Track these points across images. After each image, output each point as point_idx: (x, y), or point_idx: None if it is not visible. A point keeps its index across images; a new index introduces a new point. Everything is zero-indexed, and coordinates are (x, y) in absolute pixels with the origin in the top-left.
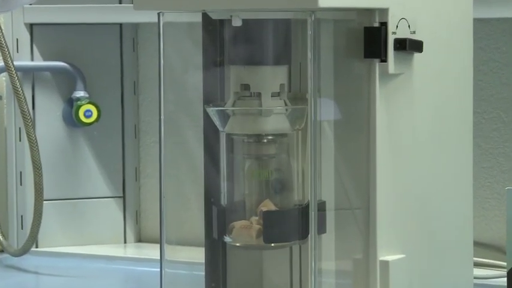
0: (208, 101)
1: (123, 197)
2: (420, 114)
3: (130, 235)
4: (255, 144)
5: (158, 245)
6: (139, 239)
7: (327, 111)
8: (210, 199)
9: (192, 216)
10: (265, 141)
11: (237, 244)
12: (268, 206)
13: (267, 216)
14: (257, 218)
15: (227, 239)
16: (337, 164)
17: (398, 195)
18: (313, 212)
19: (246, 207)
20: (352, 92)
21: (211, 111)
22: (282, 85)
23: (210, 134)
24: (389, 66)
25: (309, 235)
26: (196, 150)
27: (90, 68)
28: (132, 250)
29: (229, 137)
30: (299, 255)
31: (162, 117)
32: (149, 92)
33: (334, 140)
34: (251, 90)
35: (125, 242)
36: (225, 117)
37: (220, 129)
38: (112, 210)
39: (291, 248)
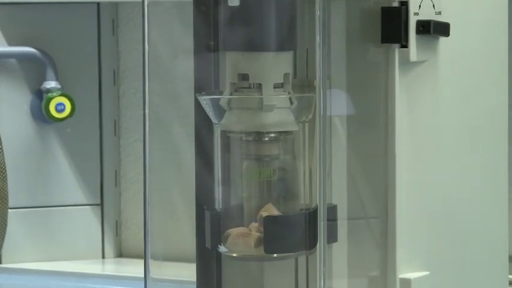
0: (200, 89)
1: (101, 205)
2: (447, 109)
3: (109, 249)
4: (255, 142)
5: (142, 261)
6: (120, 254)
7: (338, 105)
8: (202, 203)
9: (182, 228)
10: (266, 139)
11: (234, 255)
12: (270, 210)
13: (268, 222)
14: (257, 224)
15: (222, 248)
16: (350, 167)
17: (421, 202)
18: (322, 218)
19: (244, 212)
20: (367, 82)
21: (204, 100)
22: (286, 75)
23: (203, 129)
24: (410, 53)
25: (318, 245)
26: (186, 149)
27: (62, 54)
28: (111, 266)
29: (225, 133)
30: (306, 268)
31: (146, 111)
32: (131, 82)
33: (346, 138)
34: (250, 80)
35: (103, 257)
36: (220, 110)
37: (215, 121)
38: (88, 220)
39: (296, 260)
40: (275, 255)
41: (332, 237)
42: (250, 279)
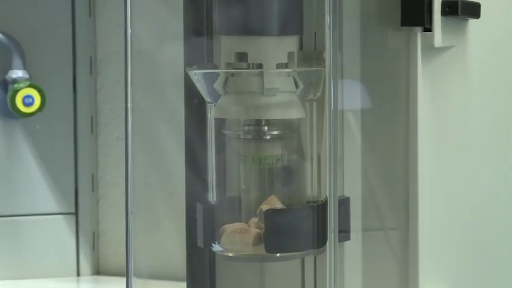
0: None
1: (76, 214)
2: (476, 102)
3: (85, 265)
4: (255, 127)
5: (123, 279)
6: (97, 271)
7: (351, 97)
8: (193, 195)
9: (169, 240)
10: (266, 131)
11: (230, 254)
12: (272, 203)
13: (269, 216)
14: (257, 219)
15: (216, 247)
16: (365, 170)
17: (446, 211)
18: (332, 212)
19: (242, 205)
20: (384, 72)
21: (196, 75)
22: (290, 54)
23: (194, 110)
24: (435, 37)
25: (327, 243)
26: (174, 150)
27: (31, 39)
28: (87, 285)
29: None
30: (313, 270)
31: (129, 105)
32: (111, 71)
33: (360, 137)
34: (249, 61)
35: (78, 275)
36: (215, 95)
37: (208, 100)
38: (60, 231)
39: (302, 261)
40: (278, 254)
41: (344, 234)
42: (248, 283)
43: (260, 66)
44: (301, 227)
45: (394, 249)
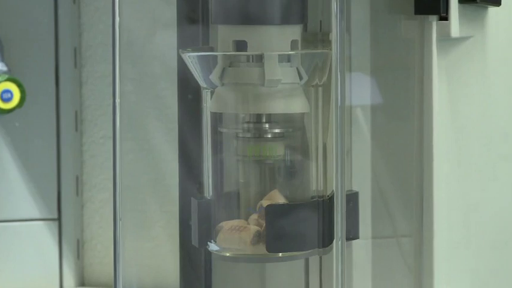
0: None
1: (59, 220)
2: (497, 97)
3: (68, 276)
4: (255, 124)
5: None
6: (82, 282)
7: (360, 92)
8: (188, 190)
9: (161, 248)
10: (267, 128)
11: (227, 254)
12: (275, 198)
13: (270, 212)
14: (257, 216)
15: (213, 246)
16: (375, 172)
17: (465, 215)
18: (339, 208)
19: (240, 200)
20: (397, 64)
21: (190, 58)
22: (293, 42)
23: (188, 106)
24: (451, 27)
25: (334, 241)
26: (167, 148)
27: (9, 29)
28: None
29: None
30: (318, 272)
31: (117, 100)
32: (97, 63)
33: (370, 136)
34: (249, 50)
35: (61, 287)
36: (210, 70)
37: (204, 85)
38: (42, 238)
39: (306, 261)
40: (280, 254)
41: (352, 231)
42: (248, 286)
43: (260, 56)
44: (306, 224)
45: (407, 258)
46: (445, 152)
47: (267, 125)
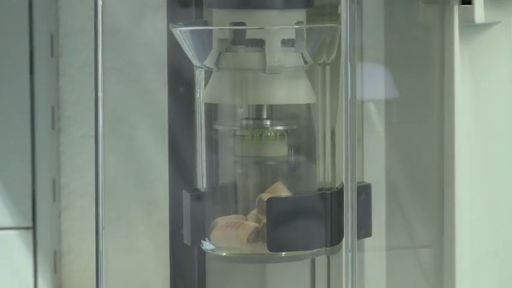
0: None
1: (33, 229)
2: None
3: None
4: (255, 120)
5: None
6: None
7: (373, 84)
8: (179, 182)
9: (148, 262)
10: (268, 125)
11: (223, 254)
12: (278, 191)
13: (272, 206)
14: (256, 211)
15: (207, 245)
16: (389, 174)
17: (491, 224)
18: (349, 202)
19: (238, 193)
20: (414, 53)
21: (182, 34)
22: (298, 24)
23: (180, 101)
24: (476, 12)
25: (343, 240)
26: (156, 148)
27: None
28: None
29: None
30: (326, 273)
31: (99, 93)
32: (76, 52)
33: (384, 134)
34: (248, 36)
35: None
36: (205, 46)
37: (197, 64)
38: (15, 249)
39: (312, 261)
40: (283, 254)
41: (364, 229)
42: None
43: (261, 43)
44: (311, 220)
45: (426, 271)
46: (468, 153)
47: (268, 122)
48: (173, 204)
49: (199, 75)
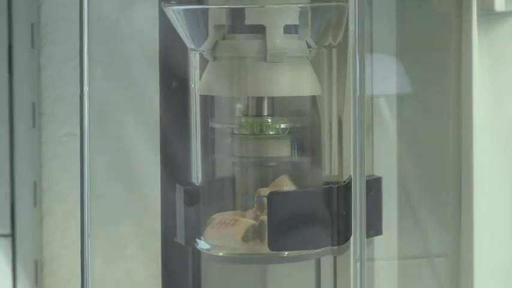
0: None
1: (12, 236)
2: None
3: None
4: (255, 117)
5: None
6: None
7: (384, 77)
8: (172, 175)
9: (137, 272)
10: (269, 123)
11: (220, 254)
12: (283, 185)
13: (274, 201)
14: (254, 207)
15: (202, 244)
16: (402, 177)
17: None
18: (358, 197)
19: (236, 187)
20: (429, 43)
21: (175, 12)
22: (302, 8)
23: (173, 96)
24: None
25: (351, 239)
26: (146, 147)
27: None
28: None
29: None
30: (332, 274)
31: (85, 88)
32: (59, 42)
33: (396, 131)
34: (247, 21)
35: None
36: (199, 26)
37: (191, 46)
38: None
39: (318, 262)
40: (285, 253)
41: (374, 226)
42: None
43: (261, 29)
44: (316, 216)
45: (441, 282)
46: (488, 152)
47: (269, 120)
48: (165, 209)
49: (194, 59)
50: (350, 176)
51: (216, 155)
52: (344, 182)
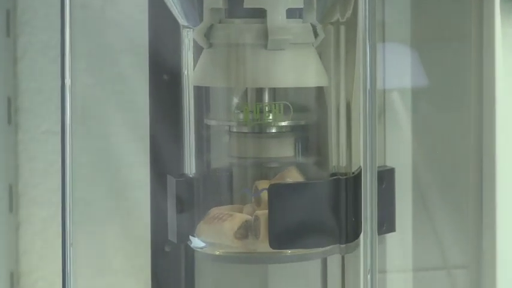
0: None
1: None
2: None
3: None
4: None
5: None
6: None
7: (397, 70)
8: (163, 167)
9: (125, 285)
10: (270, 120)
11: (216, 253)
12: (291, 176)
13: (275, 194)
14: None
15: (196, 242)
16: (417, 180)
17: None
18: (368, 189)
19: (234, 179)
20: (446, 34)
21: None
22: None
23: (162, 90)
24: None
25: (361, 235)
26: (133, 147)
27: None
28: None
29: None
30: (340, 275)
31: (66, 81)
32: (37, 31)
33: (411, 129)
34: (246, 4)
35: None
36: (193, 15)
37: (184, 23)
38: None
39: (324, 262)
40: (288, 252)
41: (387, 222)
42: None
43: (261, 13)
44: (322, 210)
45: None
46: (511, 152)
47: (270, 115)
48: (155, 215)
49: (187, 36)
50: (360, 166)
51: (212, 154)
52: (353, 173)
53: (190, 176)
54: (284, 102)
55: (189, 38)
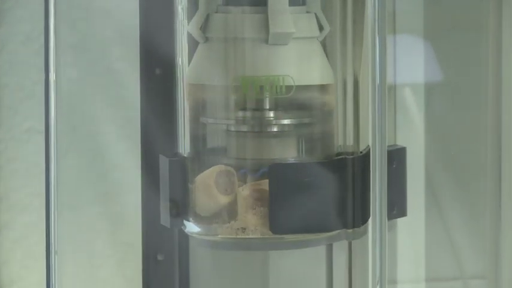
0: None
1: None
2: None
3: None
4: (254, 111)
5: None
6: None
7: (409, 64)
8: (155, 147)
9: None
10: (271, 118)
11: (212, 238)
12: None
13: (275, 174)
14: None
15: (191, 226)
16: (429, 184)
17: None
18: (378, 169)
19: (232, 158)
20: (461, 23)
21: None
22: None
23: (155, 85)
24: None
25: (370, 219)
26: (123, 148)
27: None
28: None
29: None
30: (346, 262)
31: (51, 76)
32: (19, 21)
33: (424, 127)
34: None
35: None
36: None
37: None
38: None
39: (330, 247)
40: (290, 237)
41: (397, 206)
42: (242, 282)
43: (262, 1)
44: (327, 193)
45: None
46: None
47: (271, 114)
48: (147, 221)
49: (181, 27)
50: (368, 145)
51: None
52: (361, 152)
53: (184, 155)
54: (288, 125)
55: (183, 30)
